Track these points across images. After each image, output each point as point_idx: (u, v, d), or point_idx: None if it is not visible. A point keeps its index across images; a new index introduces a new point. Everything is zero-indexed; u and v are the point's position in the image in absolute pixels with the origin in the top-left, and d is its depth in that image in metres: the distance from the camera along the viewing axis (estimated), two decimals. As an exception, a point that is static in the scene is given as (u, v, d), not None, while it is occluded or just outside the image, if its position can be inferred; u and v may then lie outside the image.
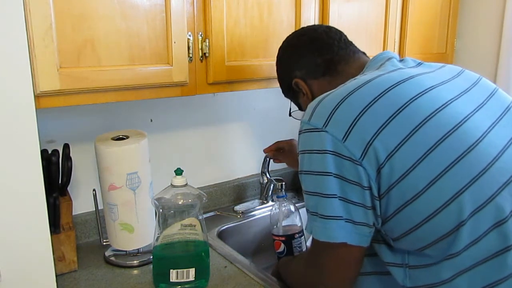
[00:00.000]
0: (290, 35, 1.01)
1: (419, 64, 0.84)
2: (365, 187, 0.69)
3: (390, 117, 0.68)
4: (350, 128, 0.68)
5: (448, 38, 1.61)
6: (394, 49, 1.43)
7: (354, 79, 0.77)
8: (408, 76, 0.74)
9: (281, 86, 1.03)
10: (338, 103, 0.71)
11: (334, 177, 0.69)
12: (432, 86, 0.73)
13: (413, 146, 0.67)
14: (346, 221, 0.70)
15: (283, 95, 1.05)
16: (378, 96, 0.70)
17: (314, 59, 0.92)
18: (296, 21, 1.18)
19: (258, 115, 1.55)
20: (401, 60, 0.86)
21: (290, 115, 1.10)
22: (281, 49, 1.01)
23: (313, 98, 0.90)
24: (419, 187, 0.67)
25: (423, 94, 0.71)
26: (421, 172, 0.66)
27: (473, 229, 0.67)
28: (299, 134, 0.75)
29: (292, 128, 1.67)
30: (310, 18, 1.21)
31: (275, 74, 1.04)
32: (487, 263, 0.67)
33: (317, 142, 0.70)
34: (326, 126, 0.69)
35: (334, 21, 1.24)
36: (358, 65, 0.89)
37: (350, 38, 0.96)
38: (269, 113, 1.57)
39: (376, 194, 0.69)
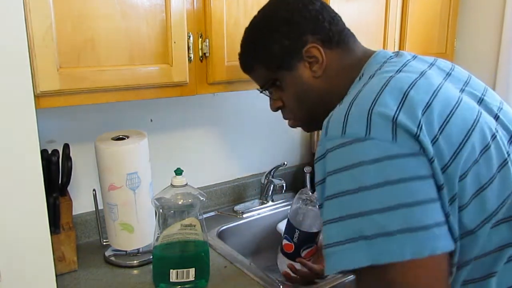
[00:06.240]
0: None
1: (414, 57, 0.80)
2: (430, 176, 0.61)
3: (420, 113, 0.63)
4: (394, 126, 0.61)
5: (448, 38, 1.61)
6: (394, 49, 1.43)
7: (369, 81, 0.72)
8: (419, 74, 0.72)
9: (264, 61, 0.87)
10: (370, 106, 0.63)
11: (406, 181, 0.60)
12: (440, 84, 0.71)
13: (451, 131, 0.64)
14: (434, 226, 0.60)
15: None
16: (404, 94, 0.65)
17: (330, 26, 0.83)
18: (296, 21, 1.18)
19: (258, 115, 1.55)
20: (396, 55, 0.81)
21: (261, 92, 0.94)
22: (279, 8, 0.86)
23: (325, 69, 0.82)
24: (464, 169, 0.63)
25: (439, 89, 0.68)
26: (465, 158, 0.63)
27: None
28: (325, 154, 0.65)
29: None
30: (310, 18, 1.20)
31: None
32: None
33: (365, 153, 0.61)
34: (369, 133, 0.61)
35: (334, 21, 1.24)
36: (362, 50, 0.85)
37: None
38: (269, 113, 1.56)
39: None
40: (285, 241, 1.11)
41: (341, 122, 0.64)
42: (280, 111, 0.93)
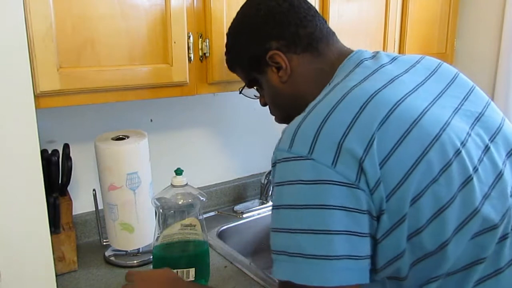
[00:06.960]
0: None
1: (394, 59, 0.77)
2: (364, 211, 0.61)
3: (374, 131, 0.61)
4: (338, 150, 0.60)
5: (448, 38, 1.61)
6: (394, 49, 1.43)
7: (331, 91, 0.69)
8: (388, 81, 0.68)
9: (239, 63, 0.90)
10: (320, 125, 0.63)
11: (331, 209, 0.60)
12: (406, 94, 0.67)
13: (401, 156, 0.61)
14: (347, 258, 0.60)
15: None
16: (358, 111, 0.63)
17: (297, 30, 0.80)
18: (296, 21, 1.18)
19: (258, 115, 1.55)
20: (373, 56, 0.77)
21: (240, 92, 0.98)
22: (248, 14, 0.86)
23: (291, 73, 0.81)
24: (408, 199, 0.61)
25: (401, 102, 0.65)
26: (410, 185, 0.61)
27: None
28: (275, 163, 0.65)
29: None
30: (310, 18, 1.20)
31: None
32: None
33: (302, 172, 0.61)
34: (311, 153, 0.61)
35: (334, 21, 1.24)
36: (337, 52, 0.80)
37: (350, 38, 0.93)
38: (269, 113, 1.57)
39: (374, 215, 0.62)
40: None
41: (290, 136, 0.64)
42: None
